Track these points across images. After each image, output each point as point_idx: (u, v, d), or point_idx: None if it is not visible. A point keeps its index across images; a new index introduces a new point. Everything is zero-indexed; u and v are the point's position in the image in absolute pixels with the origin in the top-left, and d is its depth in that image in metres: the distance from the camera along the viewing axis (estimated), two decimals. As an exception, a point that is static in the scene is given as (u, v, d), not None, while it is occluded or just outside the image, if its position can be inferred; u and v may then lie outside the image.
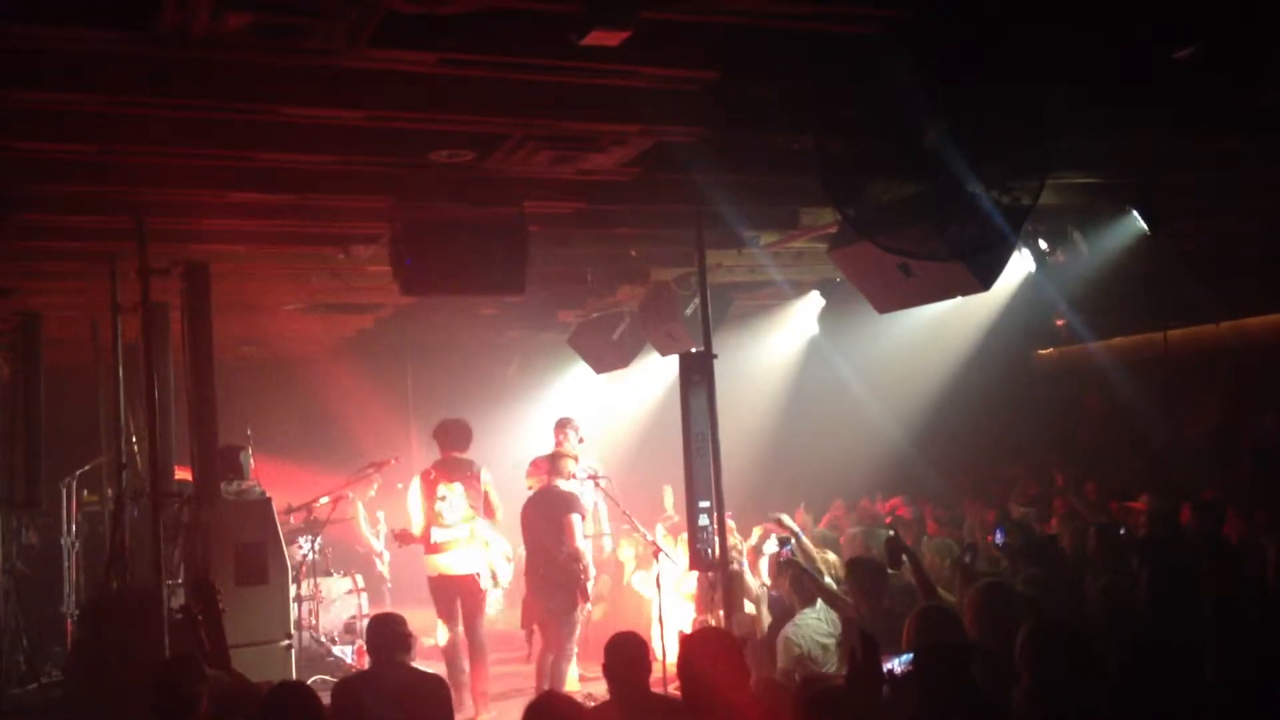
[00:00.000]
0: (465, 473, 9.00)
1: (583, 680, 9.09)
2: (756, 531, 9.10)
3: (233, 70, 4.60)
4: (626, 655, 5.07)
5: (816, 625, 6.98)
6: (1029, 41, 4.62)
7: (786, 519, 8.16)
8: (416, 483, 9.08)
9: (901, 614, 5.60)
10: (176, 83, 4.64)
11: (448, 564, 8.81)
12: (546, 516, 8.71)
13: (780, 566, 7.80)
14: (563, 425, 9.87)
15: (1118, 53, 4.88)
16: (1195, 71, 4.96)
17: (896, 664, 4.27)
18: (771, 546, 8.27)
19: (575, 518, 8.64)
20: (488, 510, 9.06)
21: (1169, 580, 5.90)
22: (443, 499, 8.86)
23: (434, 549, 8.84)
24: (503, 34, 4.34)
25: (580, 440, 9.80)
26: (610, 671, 5.06)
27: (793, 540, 7.73)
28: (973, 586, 5.86)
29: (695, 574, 8.24)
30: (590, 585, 8.81)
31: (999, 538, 8.12)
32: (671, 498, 10.87)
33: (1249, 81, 5.40)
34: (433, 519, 8.85)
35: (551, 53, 4.45)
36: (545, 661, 8.65)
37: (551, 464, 9.02)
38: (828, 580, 7.34)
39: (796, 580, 7.23)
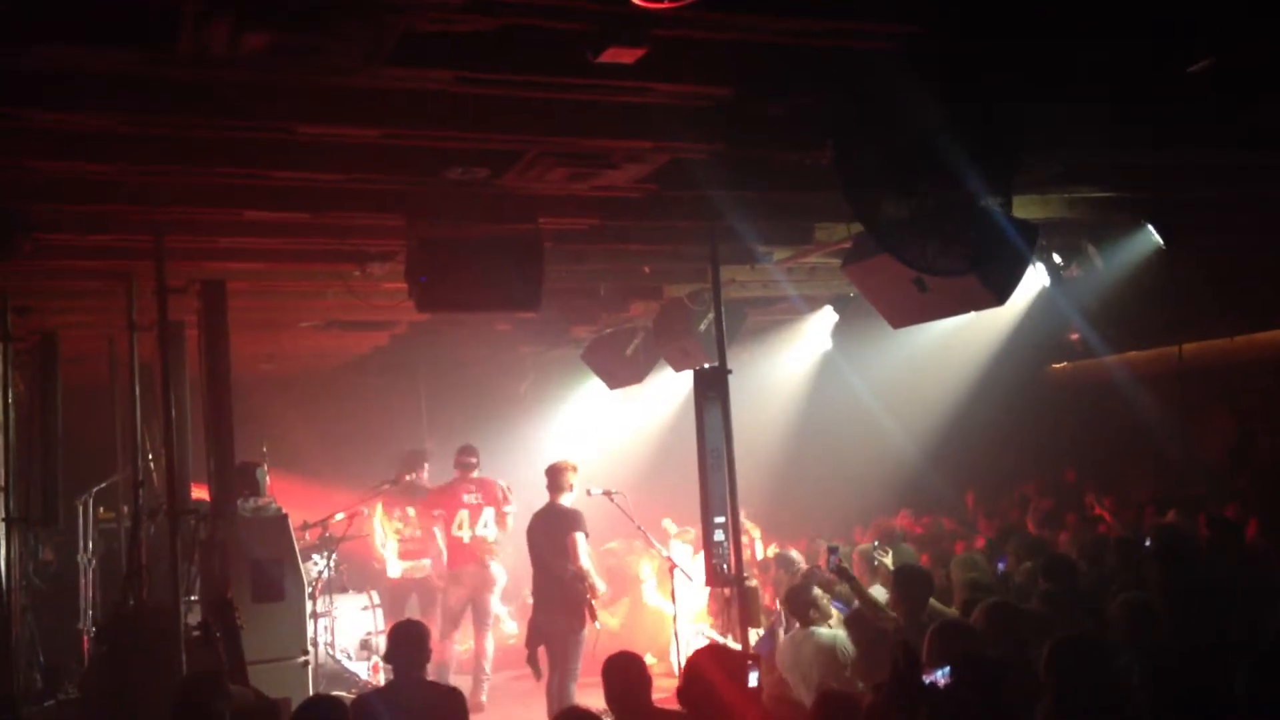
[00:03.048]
0: (415, 496, 10.83)
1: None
2: (773, 548, 9.08)
3: (251, 90, 4.64)
4: (626, 677, 5.06)
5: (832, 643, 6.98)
6: (1040, 56, 4.64)
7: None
8: (379, 508, 11.06)
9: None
10: (195, 102, 4.67)
11: (409, 569, 10.82)
12: (549, 535, 8.56)
13: (797, 588, 7.80)
14: (467, 452, 10.40)
15: (1133, 68, 4.88)
16: (1210, 85, 4.95)
17: (939, 676, 4.26)
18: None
19: (579, 536, 8.45)
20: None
21: (1192, 595, 5.88)
22: (399, 518, 10.98)
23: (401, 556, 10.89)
24: (518, 52, 4.35)
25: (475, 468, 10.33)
26: (611, 695, 5.03)
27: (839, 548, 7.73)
28: (978, 606, 5.85)
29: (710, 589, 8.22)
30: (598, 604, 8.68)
31: (1000, 566, 8.09)
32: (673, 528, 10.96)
33: (1264, 95, 5.39)
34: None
35: (567, 70, 4.45)
36: (553, 684, 8.48)
37: (552, 479, 8.79)
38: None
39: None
